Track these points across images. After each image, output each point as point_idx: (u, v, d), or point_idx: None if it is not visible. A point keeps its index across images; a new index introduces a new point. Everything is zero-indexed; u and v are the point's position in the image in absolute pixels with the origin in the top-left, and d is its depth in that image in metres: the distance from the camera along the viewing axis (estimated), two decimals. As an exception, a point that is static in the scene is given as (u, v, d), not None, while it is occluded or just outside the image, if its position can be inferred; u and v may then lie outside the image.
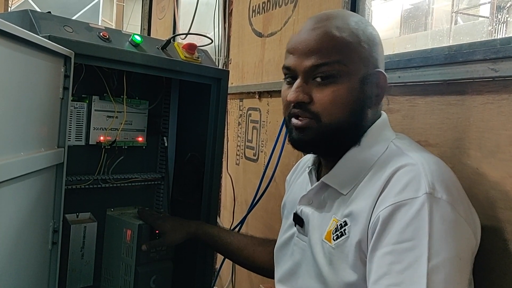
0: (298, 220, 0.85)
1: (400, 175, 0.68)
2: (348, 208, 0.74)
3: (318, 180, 0.83)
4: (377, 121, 0.80)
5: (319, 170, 0.88)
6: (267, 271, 1.05)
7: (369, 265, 0.67)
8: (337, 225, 0.74)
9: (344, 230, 0.73)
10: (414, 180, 0.66)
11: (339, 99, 0.74)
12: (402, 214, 0.64)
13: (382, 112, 0.83)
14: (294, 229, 0.87)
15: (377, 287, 0.63)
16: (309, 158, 0.92)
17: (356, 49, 0.75)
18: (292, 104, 0.76)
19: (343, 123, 0.75)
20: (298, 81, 0.76)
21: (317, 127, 0.75)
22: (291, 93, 0.76)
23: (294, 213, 0.86)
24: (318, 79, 0.75)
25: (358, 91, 0.75)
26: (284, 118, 0.83)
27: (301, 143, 0.79)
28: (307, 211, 0.83)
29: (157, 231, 1.20)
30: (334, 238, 0.74)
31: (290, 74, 0.79)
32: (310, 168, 0.87)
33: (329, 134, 0.75)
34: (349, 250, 0.71)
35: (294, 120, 0.78)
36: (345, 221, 0.73)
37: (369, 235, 0.68)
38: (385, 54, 0.83)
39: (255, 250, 1.11)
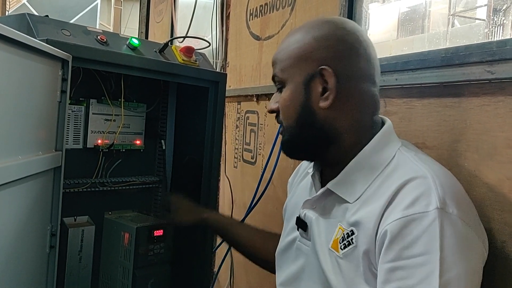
0: (301, 224, 0.84)
1: (410, 188, 0.66)
2: (354, 216, 0.72)
3: (322, 184, 0.83)
4: (382, 128, 0.78)
5: (322, 173, 0.86)
6: (273, 268, 1.03)
7: (379, 279, 0.66)
8: (343, 234, 0.73)
9: (351, 239, 0.72)
10: (425, 194, 0.65)
11: (286, 103, 0.79)
12: (412, 228, 0.63)
13: (386, 119, 0.81)
14: (297, 233, 0.86)
15: None
16: None
17: (299, 53, 0.77)
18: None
19: (295, 125, 0.78)
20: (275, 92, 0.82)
21: (284, 133, 0.81)
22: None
23: (297, 217, 0.85)
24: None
25: (302, 93, 0.77)
26: None
27: (284, 150, 0.84)
28: (311, 216, 0.82)
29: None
30: (342, 247, 0.73)
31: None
32: (313, 171, 0.87)
33: (293, 138, 0.80)
34: (358, 260, 0.70)
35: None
36: (352, 231, 0.72)
37: (377, 249, 0.67)
38: (382, 56, 0.83)
39: (263, 245, 1.09)
